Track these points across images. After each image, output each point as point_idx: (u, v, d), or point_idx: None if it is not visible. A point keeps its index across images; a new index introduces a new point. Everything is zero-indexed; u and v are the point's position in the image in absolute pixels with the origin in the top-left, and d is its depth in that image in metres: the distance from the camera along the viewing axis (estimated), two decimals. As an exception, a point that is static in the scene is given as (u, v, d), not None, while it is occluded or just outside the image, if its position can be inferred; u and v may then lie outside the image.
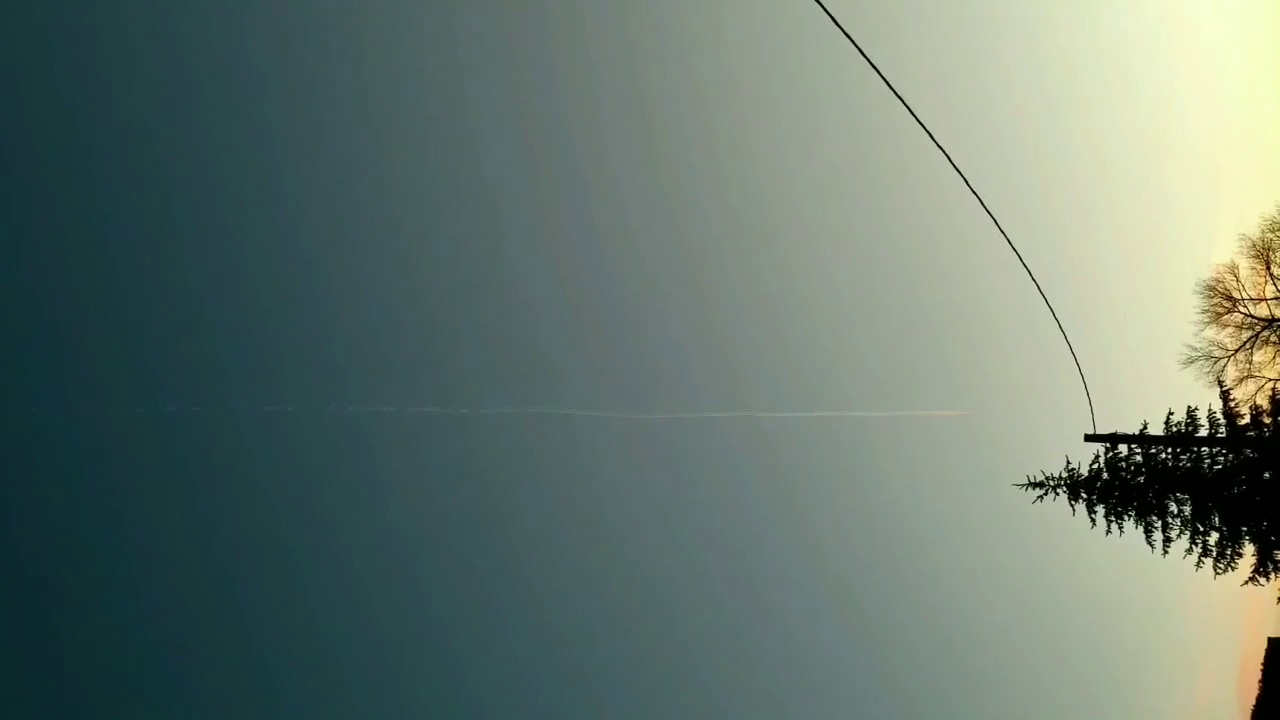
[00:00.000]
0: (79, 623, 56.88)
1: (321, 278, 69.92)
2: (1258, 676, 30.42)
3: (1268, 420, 29.64)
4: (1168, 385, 44.90)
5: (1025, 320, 77.79)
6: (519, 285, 76.50)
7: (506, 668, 64.62)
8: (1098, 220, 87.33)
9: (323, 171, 69.74)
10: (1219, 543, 29.50)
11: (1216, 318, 42.48)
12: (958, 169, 12.77)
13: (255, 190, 67.39)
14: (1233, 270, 42.36)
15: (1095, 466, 30.26)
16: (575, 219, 79.52)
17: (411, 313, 72.22)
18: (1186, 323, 43.22)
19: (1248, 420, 29.62)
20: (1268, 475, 28.82)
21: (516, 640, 66.46)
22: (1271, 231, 41.33)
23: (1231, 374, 41.84)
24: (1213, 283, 42.57)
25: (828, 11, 9.94)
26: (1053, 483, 30.29)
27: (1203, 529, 29.53)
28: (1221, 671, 66.16)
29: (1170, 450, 29.71)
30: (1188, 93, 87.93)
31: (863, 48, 10.46)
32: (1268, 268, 41.70)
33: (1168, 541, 29.83)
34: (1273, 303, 42.00)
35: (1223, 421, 29.51)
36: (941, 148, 12.38)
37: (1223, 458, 29.46)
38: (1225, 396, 30.06)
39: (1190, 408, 29.40)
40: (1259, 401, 36.39)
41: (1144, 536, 29.97)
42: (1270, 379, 41.69)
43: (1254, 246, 41.69)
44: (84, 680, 55.75)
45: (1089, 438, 26.69)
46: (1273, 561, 29.46)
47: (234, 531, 62.38)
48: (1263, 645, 30.48)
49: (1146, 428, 29.02)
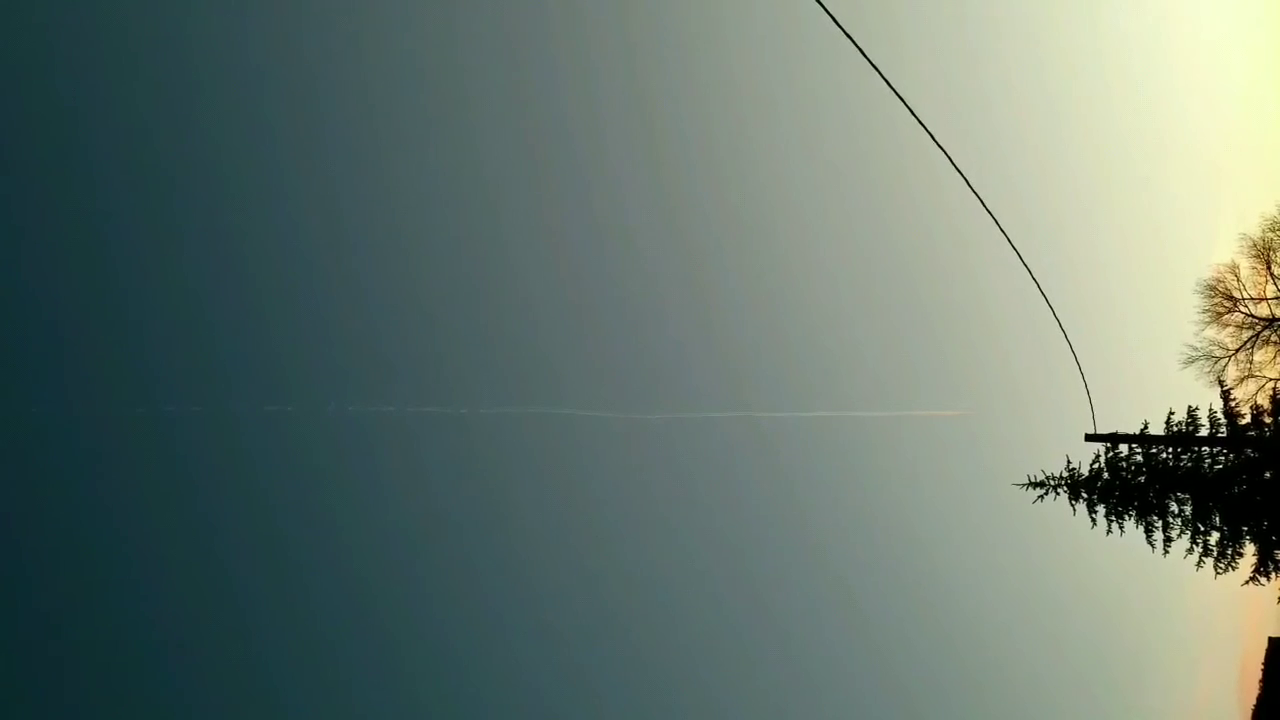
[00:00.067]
0: (79, 623, 56.90)
1: (321, 278, 69.94)
2: (1258, 676, 30.35)
3: (1268, 420, 29.64)
4: (1168, 385, 44.94)
5: (1025, 320, 77.86)
6: (519, 285, 76.61)
7: (506, 668, 64.64)
8: (1098, 220, 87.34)
9: (323, 171, 69.75)
10: (1219, 542, 29.51)
11: (1217, 317, 42.49)
12: (958, 169, 12.76)
13: (255, 190, 67.43)
14: (1233, 270, 42.37)
15: (1096, 466, 30.27)
16: (575, 219, 79.55)
17: (411, 313, 72.24)
18: (1187, 322, 43.24)
19: (1248, 420, 29.63)
20: (1268, 475, 28.81)
21: (516, 640, 66.49)
22: (1272, 231, 41.33)
23: (1232, 374, 41.84)
24: (1213, 282, 42.58)
25: (828, 11, 9.93)
26: (1053, 482, 30.30)
27: (1203, 529, 29.53)
28: (1222, 671, 66.21)
29: (1171, 450, 29.71)
30: (1188, 93, 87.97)
31: (863, 48, 10.45)
32: (1268, 267, 41.68)
33: (1168, 541, 29.85)
34: (1273, 302, 41.99)
35: (1223, 421, 29.52)
36: (942, 148, 12.37)
37: (1223, 457, 29.46)
38: (1226, 396, 30.07)
39: (1191, 407, 29.45)
40: (1260, 401, 36.39)
41: (1144, 536, 29.99)
42: (1271, 379, 41.67)
43: (1254, 246, 41.69)
44: (84, 680, 55.79)
45: (1089, 437, 26.67)
46: (1273, 561, 29.45)
47: (234, 531, 62.41)
48: (1263, 645, 30.42)
49: (1147, 427, 29.01)
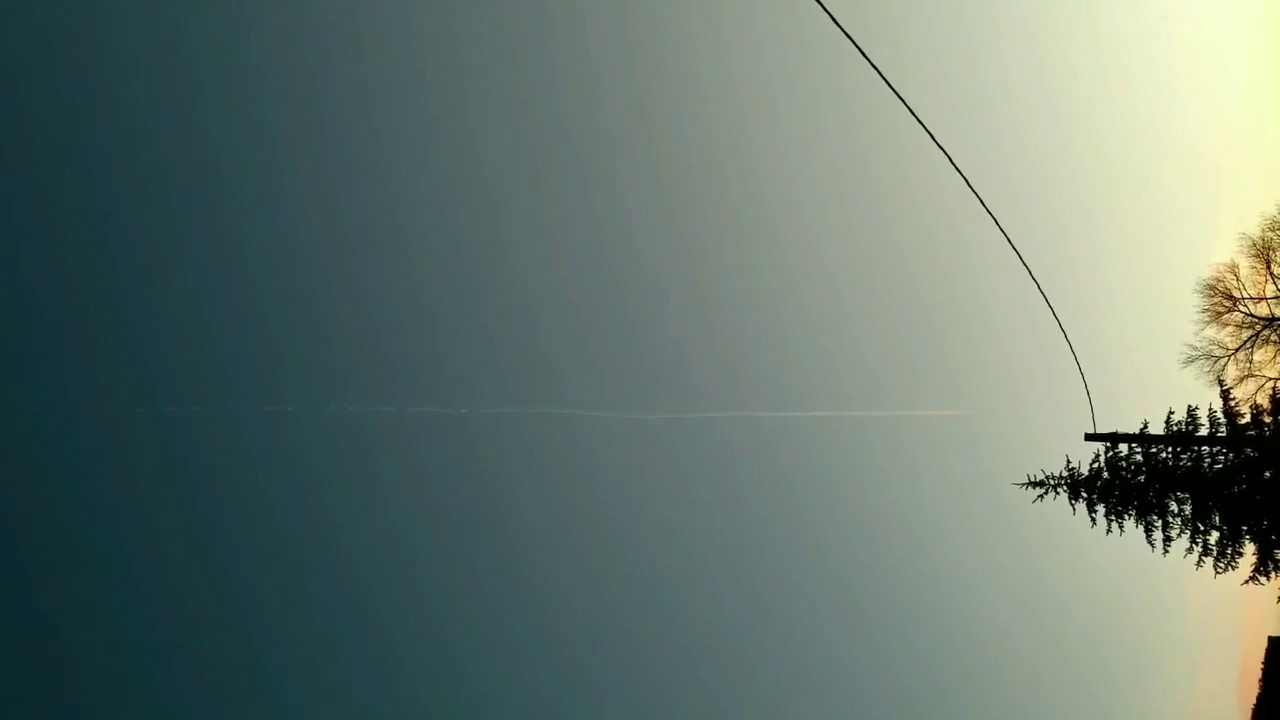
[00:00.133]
0: (79, 622, 56.93)
1: (321, 278, 69.99)
2: (1258, 676, 30.36)
3: (1268, 419, 29.65)
4: (1168, 384, 45.01)
5: (1025, 320, 77.88)
6: (519, 285, 76.63)
7: (506, 668, 64.65)
8: (1098, 220, 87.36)
9: (323, 171, 69.81)
10: (1219, 542, 29.52)
11: (1217, 317, 42.52)
12: (958, 169, 12.77)
13: (255, 190, 67.47)
14: (1233, 269, 42.41)
15: (1095, 466, 30.28)
16: (575, 219, 79.57)
17: (411, 313, 72.29)
18: (1187, 322, 43.29)
19: (1248, 419, 29.64)
20: (1268, 474, 28.82)
21: (516, 640, 66.53)
22: (1271, 231, 41.36)
23: (1232, 373, 41.88)
24: (1213, 282, 42.63)
25: (828, 11, 9.94)
26: (1053, 482, 30.30)
27: (1203, 528, 29.54)
28: (1222, 671, 66.25)
29: (1170, 449, 29.71)
30: (1188, 93, 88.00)
31: (863, 48, 10.46)
32: (1268, 267, 41.71)
33: (1168, 541, 29.86)
34: (1273, 302, 42.01)
35: (1223, 421, 29.52)
36: (942, 148, 12.38)
37: (1223, 457, 29.47)
38: (1225, 396, 30.08)
39: (1190, 407, 29.45)
40: (1259, 401, 36.44)
41: (1144, 536, 30.00)
42: (1270, 378, 41.69)
43: (1254, 246, 41.72)
44: (84, 680, 55.82)
45: (1089, 437, 26.67)
46: (1273, 561, 29.46)
47: (234, 531, 62.45)
48: (1263, 645, 30.43)
49: (1147, 427, 29.00)
